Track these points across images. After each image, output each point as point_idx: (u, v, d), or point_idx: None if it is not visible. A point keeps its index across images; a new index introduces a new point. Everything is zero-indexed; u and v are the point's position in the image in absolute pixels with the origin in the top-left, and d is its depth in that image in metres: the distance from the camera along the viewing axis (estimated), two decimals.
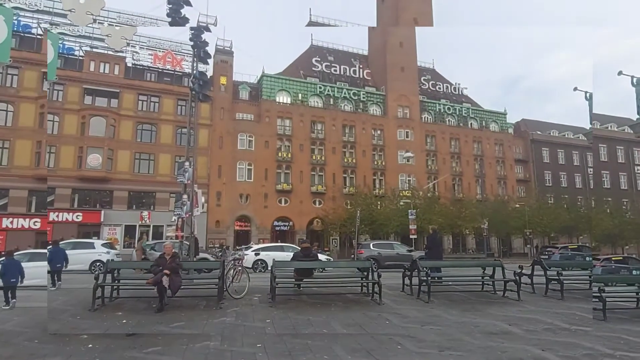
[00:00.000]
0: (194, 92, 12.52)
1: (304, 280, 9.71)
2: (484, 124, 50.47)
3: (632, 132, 41.59)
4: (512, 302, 9.03)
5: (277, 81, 41.81)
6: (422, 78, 51.13)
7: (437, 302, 8.91)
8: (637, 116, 36.26)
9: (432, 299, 9.02)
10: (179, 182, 13.15)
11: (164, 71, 37.39)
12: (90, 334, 6.30)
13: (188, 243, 12.57)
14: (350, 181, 41.70)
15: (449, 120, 49.08)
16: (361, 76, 48.24)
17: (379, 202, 37.77)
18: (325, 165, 41.01)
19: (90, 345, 5.73)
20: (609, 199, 42.27)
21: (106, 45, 33.38)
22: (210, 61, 31.63)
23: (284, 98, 41.77)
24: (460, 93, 53.87)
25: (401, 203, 35.85)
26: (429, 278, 9.08)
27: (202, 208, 16.78)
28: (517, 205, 40.99)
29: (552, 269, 10.19)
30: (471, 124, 49.99)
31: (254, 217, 37.58)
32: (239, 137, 38.10)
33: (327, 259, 19.68)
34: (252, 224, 37.56)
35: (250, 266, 17.66)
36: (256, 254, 19.13)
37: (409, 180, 43.04)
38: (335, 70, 47.02)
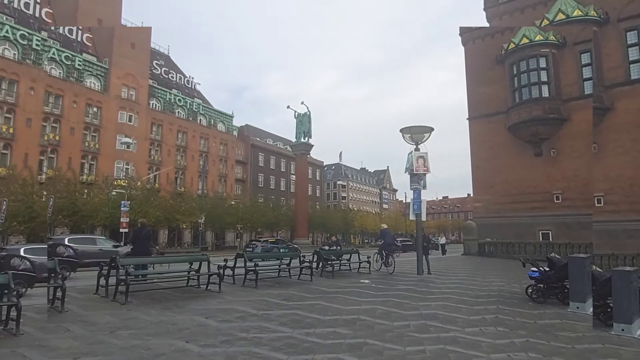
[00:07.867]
0: None
1: None
2: (212, 123, 52.28)
3: (290, 150, 55.06)
4: (213, 294, 9.29)
5: None
6: (155, 62, 48.21)
7: (136, 303, 8.12)
8: (295, 139, 46.58)
9: (131, 300, 8.17)
10: None
11: None
12: None
13: None
14: (49, 163, 34.12)
15: (178, 112, 48.10)
16: (80, 39, 40.70)
17: (85, 190, 32.51)
18: (14, 141, 32.02)
19: None
20: (273, 196, 54.63)
21: None
22: None
23: None
24: (192, 87, 54.01)
25: (114, 193, 32.15)
26: (128, 276, 8.20)
27: None
28: (233, 202, 44.52)
29: (252, 261, 11.20)
30: (200, 120, 50.79)
31: None
32: None
33: None
34: None
35: None
36: None
37: (127, 169, 39.32)
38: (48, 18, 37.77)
